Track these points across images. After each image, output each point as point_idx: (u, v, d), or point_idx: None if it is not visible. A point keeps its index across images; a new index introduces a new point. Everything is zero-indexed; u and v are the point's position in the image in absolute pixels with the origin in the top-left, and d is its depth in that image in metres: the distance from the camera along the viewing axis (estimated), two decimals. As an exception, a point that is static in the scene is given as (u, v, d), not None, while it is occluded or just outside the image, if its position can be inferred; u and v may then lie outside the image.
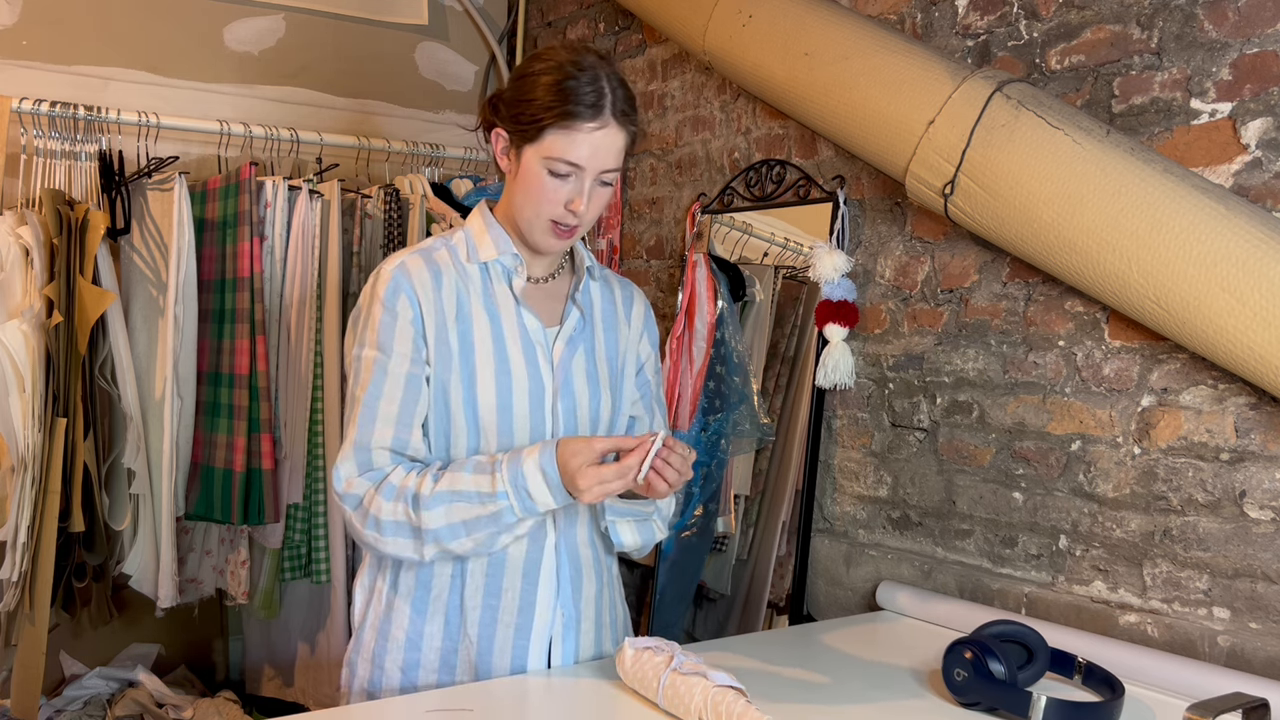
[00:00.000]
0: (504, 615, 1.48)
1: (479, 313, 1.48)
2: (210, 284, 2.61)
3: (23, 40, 2.71)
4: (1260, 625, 1.59)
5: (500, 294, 1.51)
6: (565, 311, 1.56)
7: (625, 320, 1.64)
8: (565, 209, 1.43)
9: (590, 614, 1.55)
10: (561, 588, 1.51)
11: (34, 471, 2.33)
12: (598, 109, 1.39)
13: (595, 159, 1.41)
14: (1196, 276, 1.52)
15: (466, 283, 1.49)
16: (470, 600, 1.47)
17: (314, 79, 3.13)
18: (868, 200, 2.24)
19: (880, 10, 2.20)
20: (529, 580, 1.48)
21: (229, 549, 2.67)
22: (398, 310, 1.44)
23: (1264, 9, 1.59)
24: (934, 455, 2.09)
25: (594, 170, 1.42)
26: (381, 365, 1.44)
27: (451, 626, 1.48)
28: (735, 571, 2.48)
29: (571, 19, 3.21)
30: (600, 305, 1.61)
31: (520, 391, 1.47)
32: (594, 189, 1.43)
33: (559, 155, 1.40)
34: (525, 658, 1.48)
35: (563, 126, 1.39)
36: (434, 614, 1.48)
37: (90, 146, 2.60)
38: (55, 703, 2.64)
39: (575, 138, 1.39)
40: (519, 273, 1.52)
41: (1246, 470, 1.61)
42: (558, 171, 1.41)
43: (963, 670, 1.39)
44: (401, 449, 1.44)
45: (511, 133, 1.45)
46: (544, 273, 1.57)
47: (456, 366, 1.46)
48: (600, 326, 1.59)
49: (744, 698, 1.26)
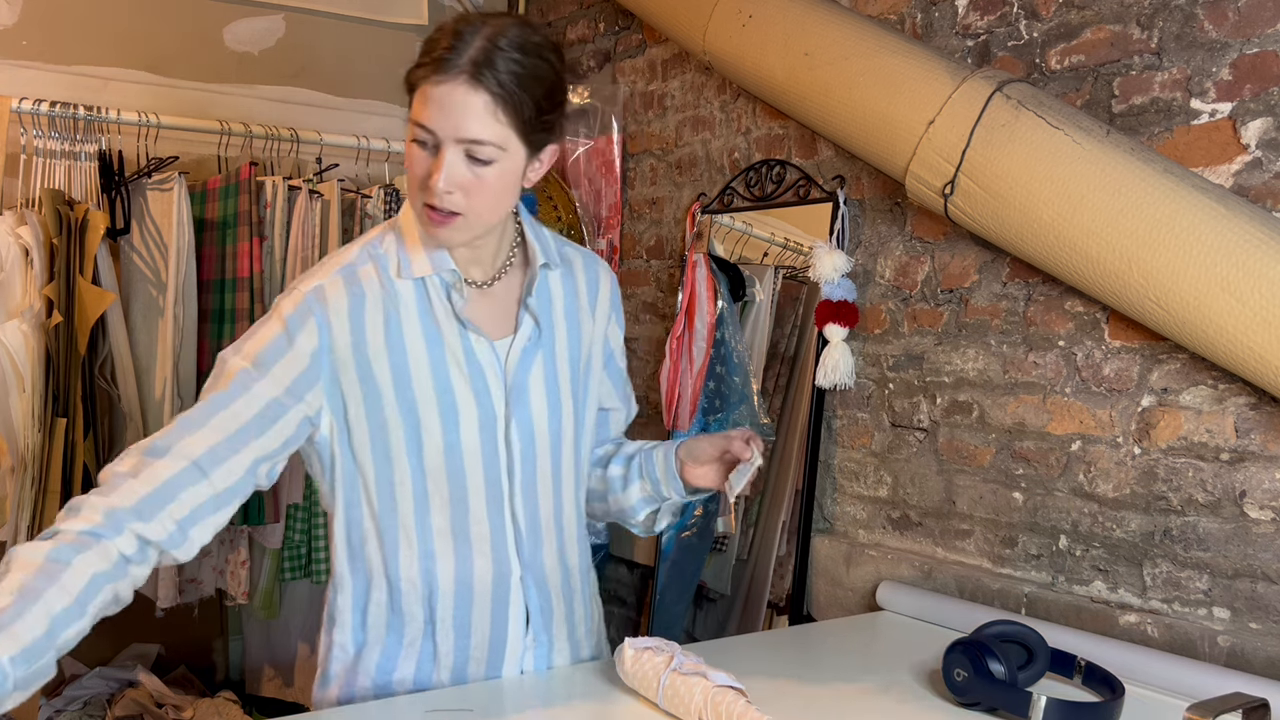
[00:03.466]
0: (475, 652, 1.41)
1: (414, 338, 1.33)
2: (210, 284, 2.61)
3: (23, 40, 2.71)
4: (1260, 625, 1.59)
5: (440, 312, 1.34)
6: (518, 319, 1.40)
7: (589, 309, 1.48)
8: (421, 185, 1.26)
9: (563, 633, 1.48)
10: (532, 618, 1.43)
11: (34, 471, 2.33)
12: (443, 62, 1.21)
13: (441, 118, 1.22)
14: (1196, 276, 1.52)
15: (396, 304, 1.33)
16: (443, 644, 1.40)
17: (314, 79, 3.13)
18: (868, 200, 2.24)
19: (880, 10, 2.20)
20: (498, 616, 1.41)
21: (229, 549, 2.67)
22: (297, 338, 1.29)
23: (1264, 9, 1.59)
24: (934, 455, 2.09)
25: (448, 135, 1.22)
26: (245, 380, 1.28)
27: (423, 670, 1.40)
28: (735, 571, 2.48)
29: (571, 19, 3.21)
30: (561, 300, 1.44)
31: (469, 424, 1.34)
32: (457, 162, 1.23)
33: (413, 116, 1.25)
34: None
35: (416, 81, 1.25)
36: (406, 659, 1.39)
37: (90, 146, 2.60)
38: (55, 703, 2.64)
39: (424, 93, 1.23)
40: (458, 288, 1.35)
41: (1246, 470, 1.61)
42: (415, 137, 1.25)
43: (963, 670, 1.39)
44: (211, 465, 1.25)
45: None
46: (488, 274, 1.40)
47: (393, 401, 1.32)
48: (561, 324, 1.44)
49: (744, 698, 1.26)
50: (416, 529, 1.37)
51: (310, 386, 1.31)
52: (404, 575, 1.38)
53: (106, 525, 1.20)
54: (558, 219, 2.94)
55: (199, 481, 1.25)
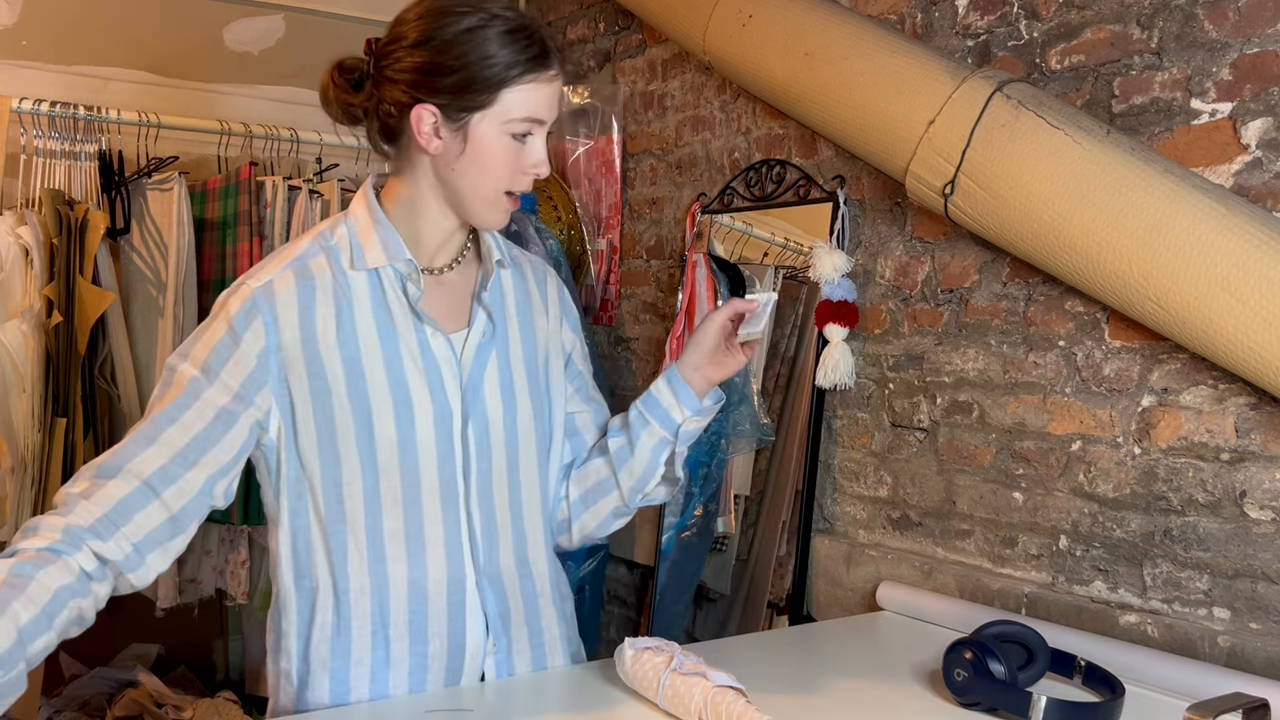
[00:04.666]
0: (434, 661, 1.35)
1: (367, 331, 1.30)
2: (210, 284, 2.61)
3: (23, 40, 2.71)
4: (1260, 625, 1.59)
5: (394, 304, 1.32)
6: (471, 313, 1.38)
7: (542, 309, 1.47)
8: (523, 173, 1.29)
9: (523, 637, 1.43)
10: (491, 622, 1.39)
11: (34, 471, 2.33)
12: (547, 55, 1.27)
13: (552, 110, 1.29)
14: (1197, 276, 1.52)
15: (349, 296, 1.31)
16: (397, 651, 1.33)
17: (314, 79, 3.10)
18: (868, 200, 2.24)
19: (880, 10, 2.20)
20: (455, 621, 1.36)
21: (229, 549, 2.67)
22: (244, 338, 1.27)
23: (1264, 9, 1.59)
24: (934, 455, 2.09)
25: (551, 122, 1.30)
26: (195, 388, 1.25)
27: (378, 683, 1.33)
28: (735, 571, 2.48)
29: (571, 19, 3.21)
30: (514, 296, 1.43)
31: (424, 419, 1.31)
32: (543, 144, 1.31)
33: (526, 114, 1.26)
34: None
35: (525, 81, 1.25)
36: (358, 679, 1.33)
37: (90, 146, 2.60)
38: (55, 703, 2.64)
39: (541, 89, 1.26)
40: (413, 278, 1.32)
41: (1247, 470, 1.61)
42: (518, 133, 1.27)
43: (963, 670, 1.39)
44: (162, 484, 1.23)
45: (449, 106, 1.26)
46: (445, 260, 1.39)
47: (343, 396, 1.28)
48: (515, 322, 1.42)
49: (744, 698, 1.26)
50: (366, 532, 1.31)
51: (259, 389, 1.28)
52: (353, 583, 1.32)
53: (65, 542, 1.19)
54: (557, 219, 2.94)
55: (151, 502, 1.23)
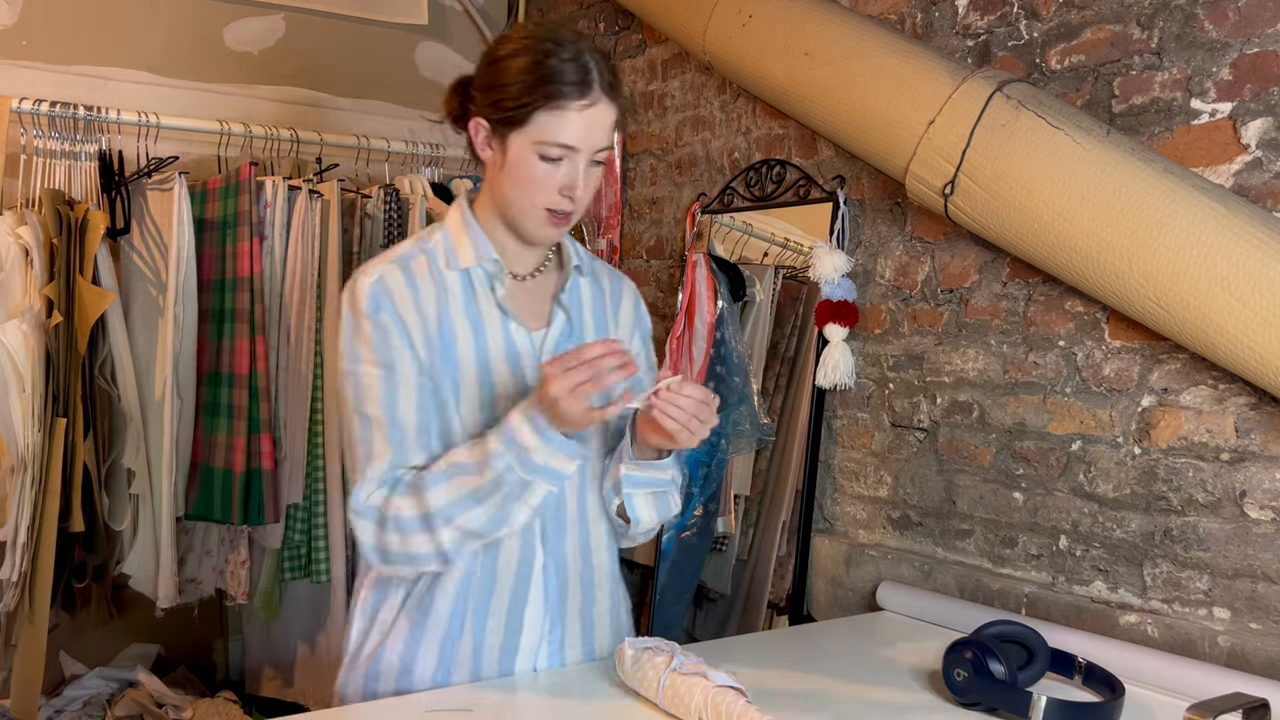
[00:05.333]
0: (491, 636, 1.44)
1: (460, 324, 1.41)
2: (210, 284, 2.61)
3: (23, 40, 2.71)
4: (1260, 625, 1.59)
5: (483, 301, 1.43)
6: (551, 314, 1.49)
7: (613, 318, 1.57)
8: (560, 194, 1.37)
9: (576, 628, 1.50)
10: (549, 604, 1.46)
11: (34, 471, 2.33)
12: (586, 85, 1.33)
13: (589, 138, 1.35)
14: (1197, 276, 1.52)
15: (445, 293, 1.42)
16: (467, 622, 1.43)
17: (314, 79, 3.13)
18: (868, 200, 2.24)
19: (880, 10, 2.20)
20: (516, 600, 1.44)
21: (229, 549, 2.67)
22: (384, 324, 1.38)
23: (1264, 9, 1.59)
24: (934, 455, 2.09)
25: (588, 150, 1.36)
26: (389, 382, 1.37)
27: (446, 649, 1.43)
28: (735, 571, 2.48)
29: (571, 19, 3.21)
30: (590, 304, 1.53)
31: (505, 406, 1.40)
32: (588, 171, 1.37)
33: (550, 138, 1.33)
34: (512, 672, 1.46)
35: (552, 107, 1.32)
36: (430, 638, 1.42)
37: (90, 146, 2.60)
38: (55, 703, 2.64)
39: (566, 117, 1.33)
40: (500, 278, 1.45)
41: (1247, 470, 1.61)
42: (549, 155, 1.35)
43: (963, 670, 1.39)
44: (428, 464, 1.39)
45: (494, 120, 1.37)
46: (529, 268, 1.50)
47: (441, 383, 1.40)
48: (590, 324, 1.52)
49: (744, 698, 1.26)
50: None
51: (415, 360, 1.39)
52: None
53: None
54: (558, 219, 2.94)
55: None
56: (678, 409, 1.31)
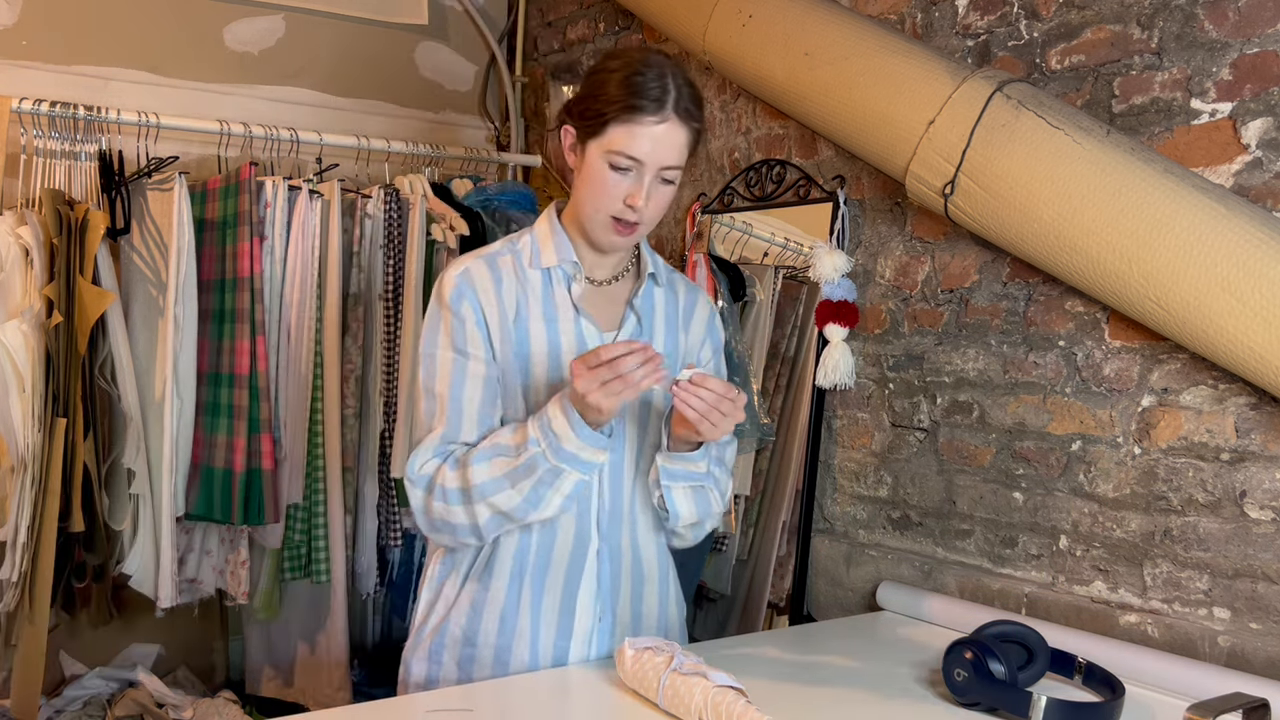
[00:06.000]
0: (547, 614, 1.51)
1: (536, 319, 1.51)
2: (210, 284, 2.61)
3: (23, 40, 2.71)
4: (1260, 625, 1.59)
5: (559, 299, 1.53)
6: (623, 317, 1.57)
7: (684, 327, 1.64)
8: (624, 204, 1.44)
9: (626, 618, 1.57)
10: (601, 590, 1.53)
11: (34, 471, 2.33)
12: (660, 104, 1.41)
13: (656, 154, 1.42)
14: (1197, 276, 1.52)
15: (526, 288, 1.52)
16: (524, 598, 1.50)
17: (314, 79, 3.13)
18: (868, 200, 2.24)
19: (880, 10, 2.20)
20: (570, 582, 1.51)
21: (229, 549, 2.67)
22: (464, 315, 1.48)
23: (1264, 9, 1.59)
24: (934, 455, 2.09)
25: (654, 165, 1.43)
26: (461, 366, 1.48)
27: (506, 624, 1.50)
28: (735, 571, 2.48)
29: (571, 19, 3.21)
30: (662, 310, 1.61)
31: None
32: (654, 186, 1.44)
33: (620, 149, 1.41)
34: (566, 659, 1.52)
35: (625, 120, 1.41)
36: (490, 611, 1.50)
37: (90, 146, 2.60)
38: (55, 703, 2.64)
39: (636, 131, 1.41)
40: (578, 278, 1.53)
41: (1247, 470, 1.61)
42: (618, 165, 1.42)
43: (963, 670, 1.39)
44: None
45: (578, 129, 1.47)
46: (607, 275, 1.58)
47: (512, 370, 1.50)
48: (661, 330, 1.59)
49: (744, 698, 1.26)
50: None
51: (489, 350, 1.49)
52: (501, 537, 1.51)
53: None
54: (558, 219, 2.94)
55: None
56: (698, 399, 1.37)
